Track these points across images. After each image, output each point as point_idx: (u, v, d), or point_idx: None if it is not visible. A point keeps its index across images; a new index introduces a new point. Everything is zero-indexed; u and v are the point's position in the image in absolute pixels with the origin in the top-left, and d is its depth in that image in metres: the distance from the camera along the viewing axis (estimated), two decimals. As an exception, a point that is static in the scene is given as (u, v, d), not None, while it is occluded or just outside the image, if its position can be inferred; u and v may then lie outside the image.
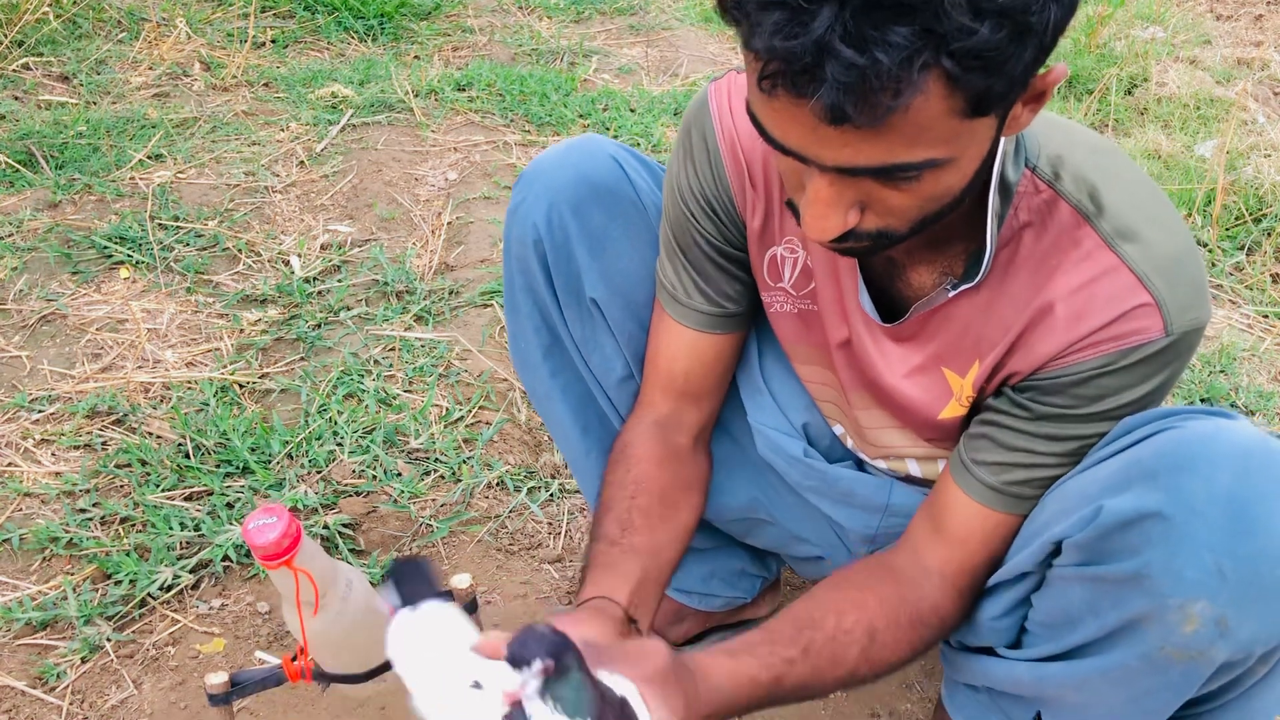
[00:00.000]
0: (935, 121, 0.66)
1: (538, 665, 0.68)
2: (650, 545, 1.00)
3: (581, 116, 2.91)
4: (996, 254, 0.86)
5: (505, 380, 1.90)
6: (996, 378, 0.91)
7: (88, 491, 1.59)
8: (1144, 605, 0.79)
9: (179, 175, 2.44)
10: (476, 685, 0.71)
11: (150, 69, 2.99)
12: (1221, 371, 2.02)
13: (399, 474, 1.67)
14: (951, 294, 0.89)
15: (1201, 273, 0.85)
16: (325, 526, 1.54)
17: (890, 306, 0.96)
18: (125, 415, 1.74)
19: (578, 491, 1.66)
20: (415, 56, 3.32)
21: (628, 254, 1.10)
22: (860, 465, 1.16)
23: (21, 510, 1.57)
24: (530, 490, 1.67)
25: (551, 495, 1.67)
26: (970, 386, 0.93)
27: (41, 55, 2.96)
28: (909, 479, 1.12)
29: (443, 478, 1.68)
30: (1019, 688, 0.96)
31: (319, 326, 2.00)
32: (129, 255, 2.14)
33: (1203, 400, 1.95)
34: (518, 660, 0.68)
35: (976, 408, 0.95)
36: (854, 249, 0.81)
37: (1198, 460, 0.75)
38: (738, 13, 0.66)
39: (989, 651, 1.00)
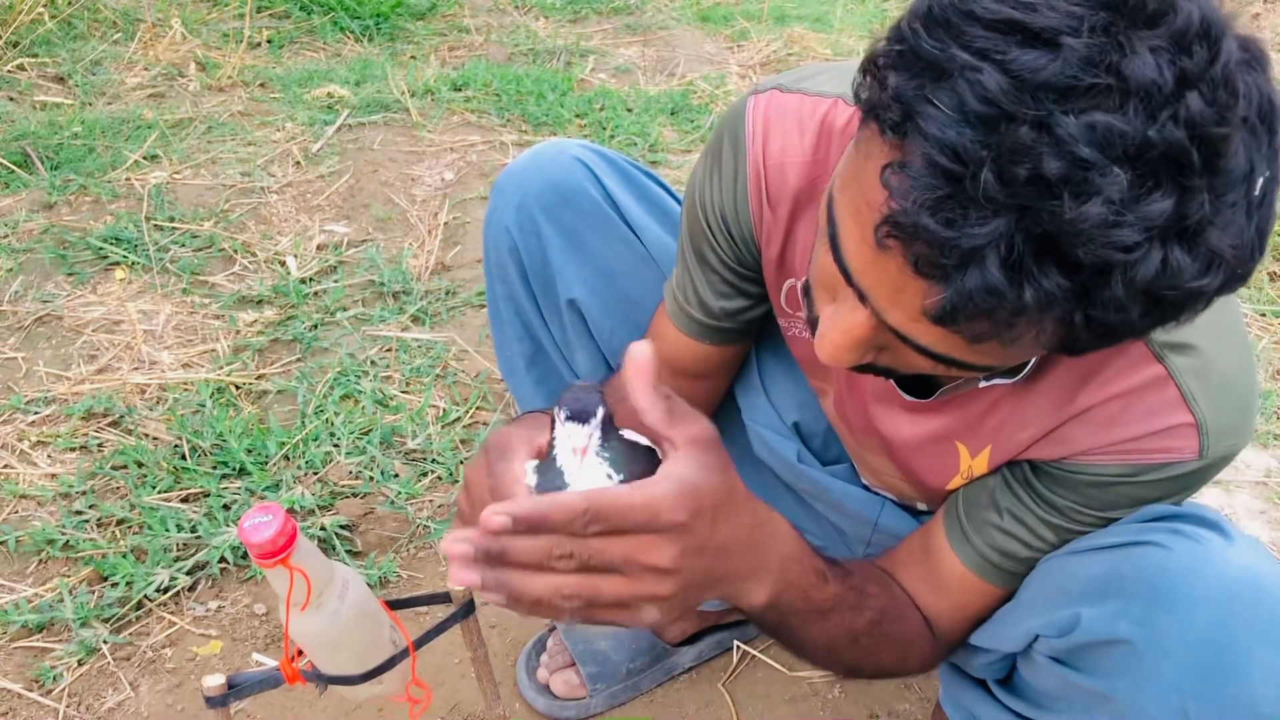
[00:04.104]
0: (1020, 349, 0.62)
1: (601, 414, 0.67)
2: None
3: (578, 116, 2.90)
4: None
5: (502, 381, 1.90)
6: (1012, 460, 0.89)
7: (84, 493, 1.59)
8: None
9: (174, 176, 2.43)
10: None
11: (145, 69, 2.98)
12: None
13: (396, 475, 1.66)
14: (984, 385, 0.85)
15: (1252, 395, 0.80)
16: (322, 528, 1.54)
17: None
18: (121, 417, 1.74)
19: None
20: (411, 56, 3.31)
21: (600, 252, 1.10)
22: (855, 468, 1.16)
23: (17, 512, 1.57)
24: (528, 490, 1.66)
25: (549, 495, 1.66)
26: (983, 465, 0.90)
27: (36, 56, 2.95)
28: (910, 508, 1.11)
29: (440, 479, 1.68)
30: None
31: (315, 327, 1.99)
32: (125, 256, 2.13)
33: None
34: (581, 415, 0.67)
35: None
36: (854, 367, 0.76)
37: (1177, 599, 0.73)
38: (894, 133, 0.57)
39: (982, 682, 1.00)
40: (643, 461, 0.69)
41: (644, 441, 0.72)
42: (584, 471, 0.67)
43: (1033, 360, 0.81)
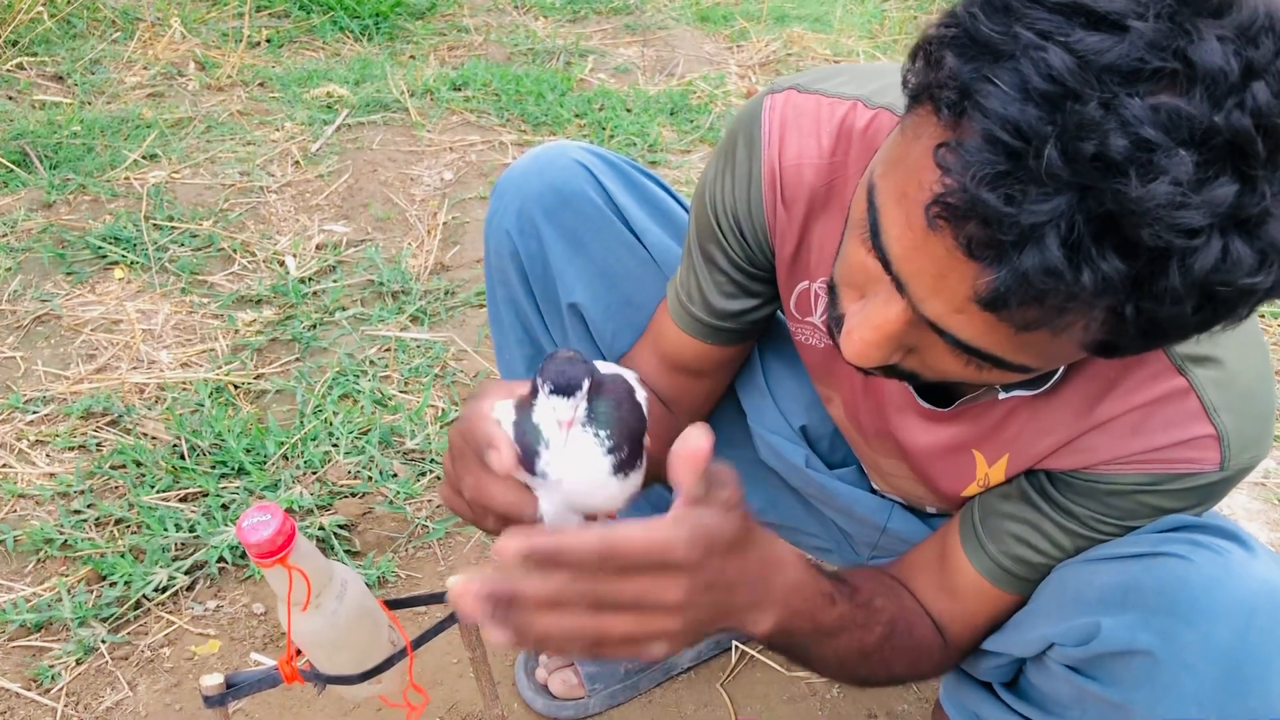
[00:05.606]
0: (1062, 345, 0.61)
1: (586, 385, 0.67)
2: None
3: (577, 116, 2.90)
4: None
5: (501, 380, 1.90)
6: (1030, 469, 0.88)
7: (82, 493, 1.59)
8: None
9: (174, 175, 2.43)
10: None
11: (145, 69, 2.98)
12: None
13: (394, 475, 1.66)
14: (1002, 397, 0.84)
15: (1273, 407, 0.79)
16: (321, 528, 1.54)
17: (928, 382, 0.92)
18: (120, 416, 1.73)
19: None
20: (411, 56, 3.31)
21: (600, 255, 1.09)
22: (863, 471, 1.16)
23: (16, 512, 1.57)
24: (526, 490, 1.66)
25: (548, 495, 1.66)
26: (1000, 473, 0.90)
27: (36, 55, 2.95)
28: (918, 511, 1.11)
29: (438, 478, 1.67)
30: None
31: (314, 327, 1.99)
32: (123, 256, 2.13)
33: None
34: (567, 389, 0.67)
35: None
36: (876, 372, 0.74)
37: (1198, 611, 0.72)
38: (950, 112, 0.56)
39: (987, 684, 1.00)
40: (626, 409, 0.70)
41: (618, 371, 0.74)
42: (570, 440, 0.68)
43: (1058, 371, 0.80)
